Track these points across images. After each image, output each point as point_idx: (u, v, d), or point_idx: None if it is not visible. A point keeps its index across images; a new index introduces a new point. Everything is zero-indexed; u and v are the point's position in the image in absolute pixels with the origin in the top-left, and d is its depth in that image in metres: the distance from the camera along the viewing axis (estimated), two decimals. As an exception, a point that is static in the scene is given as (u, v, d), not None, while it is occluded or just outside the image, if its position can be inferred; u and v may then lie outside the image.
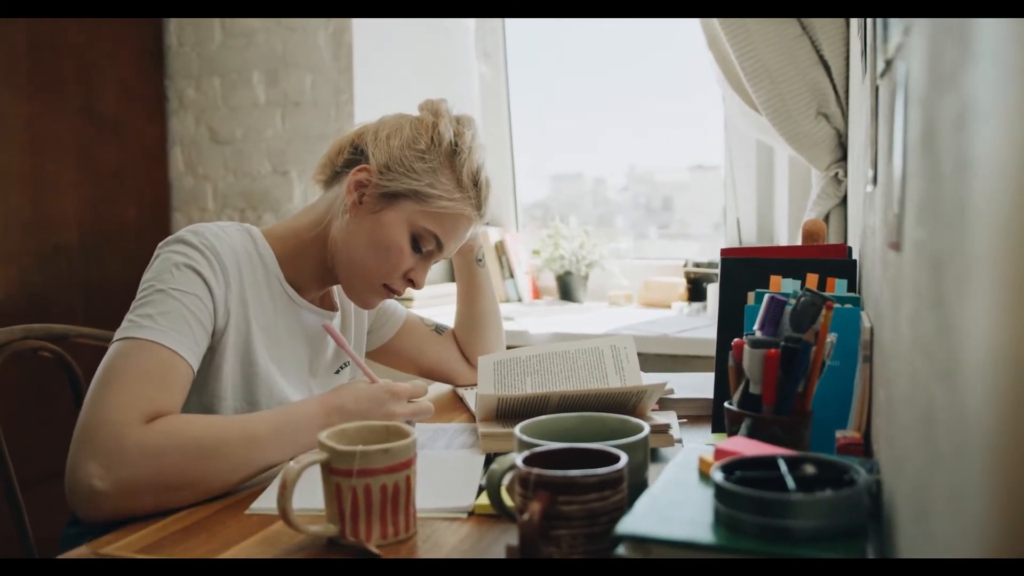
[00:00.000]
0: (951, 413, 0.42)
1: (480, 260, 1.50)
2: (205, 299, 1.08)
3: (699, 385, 1.40)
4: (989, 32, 0.35)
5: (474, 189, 1.23)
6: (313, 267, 1.24)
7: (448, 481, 1.00)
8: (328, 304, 1.32)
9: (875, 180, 0.95)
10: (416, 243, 1.21)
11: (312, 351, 1.27)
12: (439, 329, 1.53)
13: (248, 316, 1.15)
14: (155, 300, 1.05)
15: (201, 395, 1.13)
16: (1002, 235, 0.31)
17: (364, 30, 2.57)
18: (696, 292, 2.47)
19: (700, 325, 2.18)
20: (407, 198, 1.19)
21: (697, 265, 2.50)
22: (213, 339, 1.11)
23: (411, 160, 1.19)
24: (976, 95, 0.37)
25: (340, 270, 1.23)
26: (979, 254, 0.36)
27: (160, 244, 1.12)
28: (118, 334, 1.03)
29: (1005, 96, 0.32)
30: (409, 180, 1.19)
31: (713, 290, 2.32)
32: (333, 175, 1.27)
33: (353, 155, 1.24)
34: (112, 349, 1.02)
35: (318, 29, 2.58)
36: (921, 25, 0.57)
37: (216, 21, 2.71)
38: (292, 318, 1.23)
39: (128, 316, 1.05)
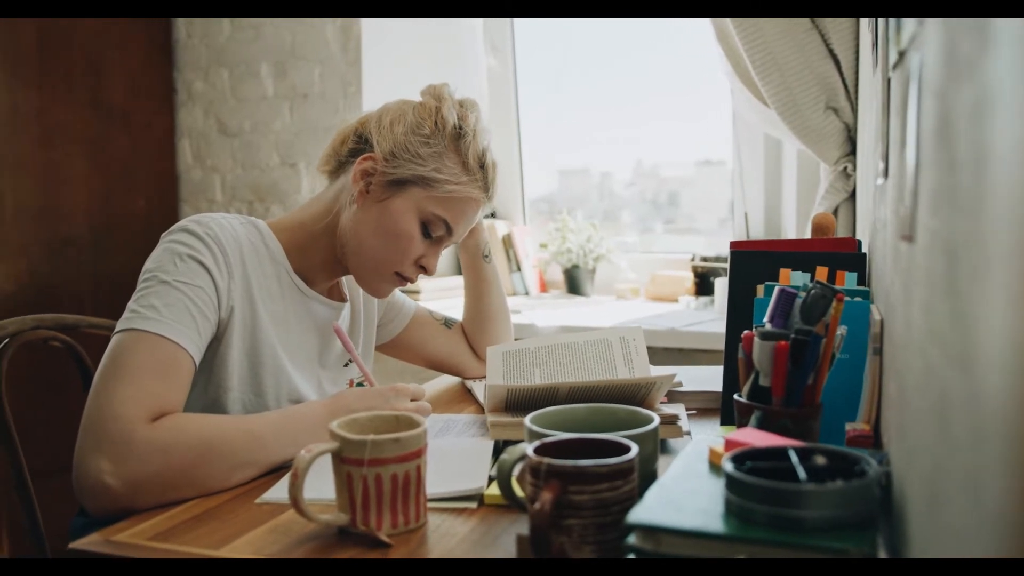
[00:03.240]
0: (967, 400, 0.42)
1: (487, 256, 1.50)
2: (208, 290, 1.08)
3: (707, 378, 1.40)
4: (1008, 22, 0.35)
5: (480, 171, 1.22)
6: (322, 258, 1.24)
7: (459, 467, 1.00)
8: (337, 295, 1.32)
9: (886, 173, 0.95)
10: (426, 229, 1.21)
11: (322, 342, 1.27)
12: (448, 323, 1.53)
13: (255, 307, 1.14)
14: (159, 291, 1.05)
15: (207, 386, 1.13)
16: (1019, 225, 0.31)
17: (372, 23, 2.57)
18: (703, 286, 2.47)
19: (707, 319, 2.18)
20: (414, 184, 1.19)
21: (704, 259, 2.50)
22: (217, 330, 1.11)
23: (416, 146, 1.18)
24: (995, 85, 0.37)
25: (350, 260, 1.23)
26: (996, 243, 0.36)
27: (164, 233, 1.13)
28: (121, 324, 1.03)
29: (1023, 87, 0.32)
30: (415, 166, 1.18)
31: (720, 284, 2.32)
32: (338, 165, 1.26)
33: (357, 144, 1.24)
34: (116, 340, 1.02)
35: (326, 22, 2.58)
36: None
37: (224, 13, 2.71)
38: (302, 309, 1.23)
39: (130, 306, 1.05)
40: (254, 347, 1.15)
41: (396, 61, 2.63)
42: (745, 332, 0.96)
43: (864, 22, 1.66)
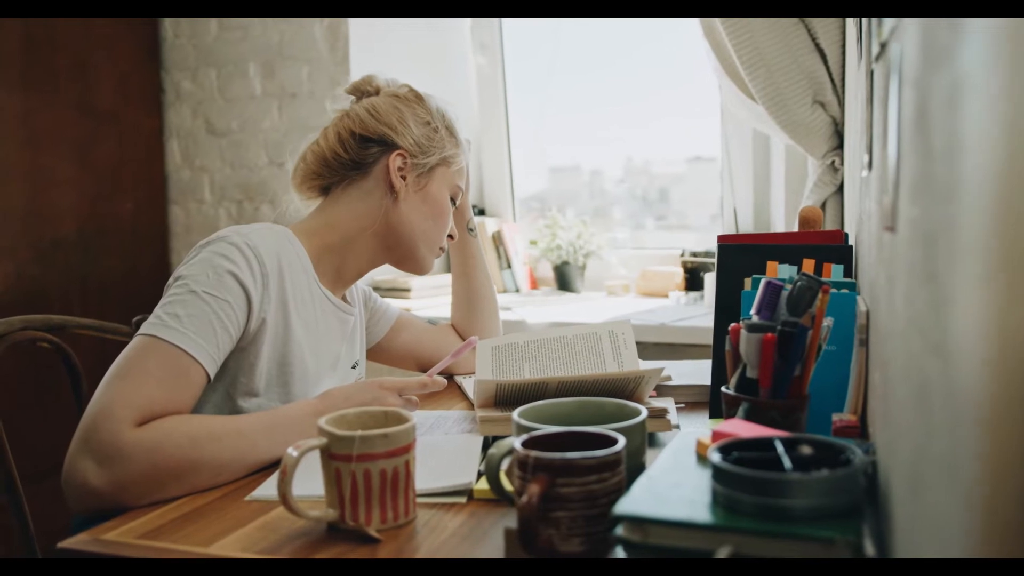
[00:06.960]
0: (943, 385, 0.43)
1: (472, 230, 1.52)
2: (237, 305, 1.08)
3: (696, 372, 1.40)
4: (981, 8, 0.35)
5: (463, 140, 1.37)
6: (355, 261, 1.28)
7: (448, 462, 1.01)
8: (347, 301, 1.34)
9: (870, 165, 0.96)
10: (452, 200, 1.36)
11: (343, 347, 1.30)
12: (432, 322, 1.56)
13: (288, 318, 1.16)
14: (186, 300, 1.05)
15: (232, 392, 1.13)
16: (991, 209, 0.32)
17: (360, 22, 2.56)
18: (693, 281, 2.47)
19: (697, 314, 2.18)
20: (439, 166, 1.32)
21: (694, 254, 2.51)
22: (244, 340, 1.11)
23: (431, 135, 1.31)
24: (968, 72, 0.38)
25: (401, 249, 1.31)
26: (969, 230, 0.36)
27: (202, 242, 1.13)
28: (143, 328, 1.04)
29: (995, 73, 0.33)
30: (437, 152, 1.31)
31: (710, 279, 2.32)
32: (339, 176, 1.29)
33: (364, 148, 1.28)
34: (133, 343, 1.03)
35: (314, 21, 2.58)
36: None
37: (212, 13, 2.70)
38: (332, 318, 1.26)
39: (156, 311, 1.06)
40: (285, 356, 1.16)
41: (384, 60, 2.63)
42: (732, 325, 0.97)
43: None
